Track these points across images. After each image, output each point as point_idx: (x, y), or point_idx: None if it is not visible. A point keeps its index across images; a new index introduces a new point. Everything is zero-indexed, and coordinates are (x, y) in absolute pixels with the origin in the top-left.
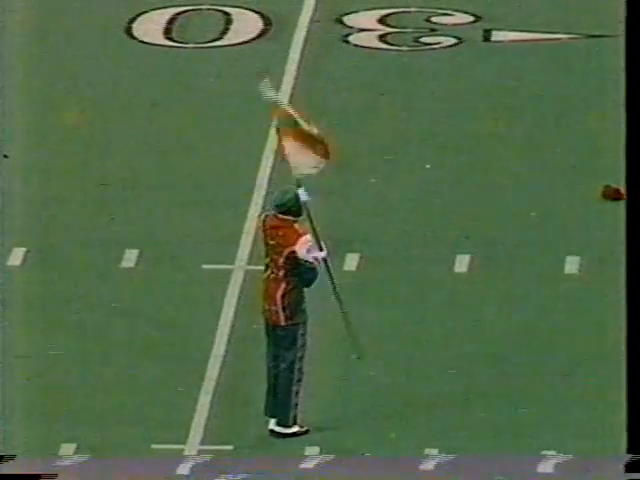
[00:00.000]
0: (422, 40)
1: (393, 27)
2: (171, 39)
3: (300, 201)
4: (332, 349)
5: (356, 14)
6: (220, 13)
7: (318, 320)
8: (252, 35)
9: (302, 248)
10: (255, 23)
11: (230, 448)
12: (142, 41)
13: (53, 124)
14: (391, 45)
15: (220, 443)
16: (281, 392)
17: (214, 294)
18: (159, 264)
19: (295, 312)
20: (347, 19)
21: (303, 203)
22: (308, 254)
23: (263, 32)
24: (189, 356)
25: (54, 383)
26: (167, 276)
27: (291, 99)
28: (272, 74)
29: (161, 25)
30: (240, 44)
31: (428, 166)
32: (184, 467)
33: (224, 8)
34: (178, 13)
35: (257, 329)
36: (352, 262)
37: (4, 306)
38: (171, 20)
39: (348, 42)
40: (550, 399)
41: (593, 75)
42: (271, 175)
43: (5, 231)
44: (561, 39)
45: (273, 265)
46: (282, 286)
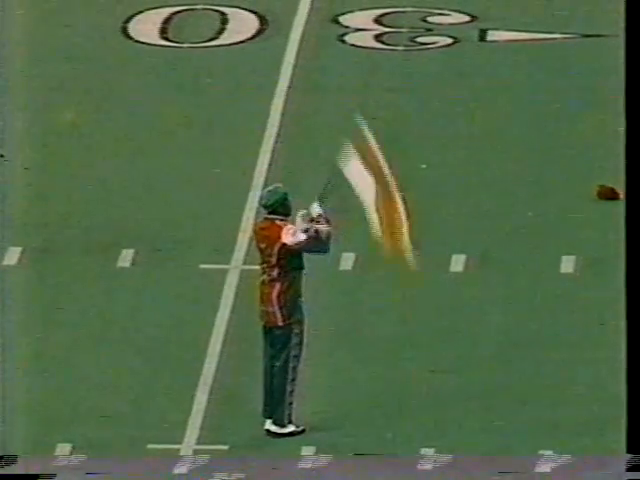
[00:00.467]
0: (418, 40)
1: (389, 27)
2: (167, 39)
3: (287, 201)
4: (329, 349)
5: (352, 14)
6: (216, 13)
7: (316, 320)
8: (248, 35)
9: (287, 237)
10: (251, 23)
11: (226, 448)
12: (138, 41)
13: (49, 124)
14: (387, 45)
15: (216, 443)
16: (276, 391)
17: (210, 294)
18: (155, 264)
19: (292, 311)
20: (343, 19)
21: (317, 214)
22: (295, 238)
23: (259, 32)
24: (185, 356)
25: (50, 383)
26: (163, 276)
27: (287, 99)
28: (269, 74)
29: (157, 25)
30: (236, 44)
31: (424, 166)
32: (180, 467)
33: (220, 8)
34: (174, 13)
35: (253, 329)
36: (348, 262)
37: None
38: (167, 20)
39: (344, 42)
40: (548, 399)
41: (588, 75)
42: (267, 175)
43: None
44: (556, 39)
45: (267, 267)
46: (277, 286)
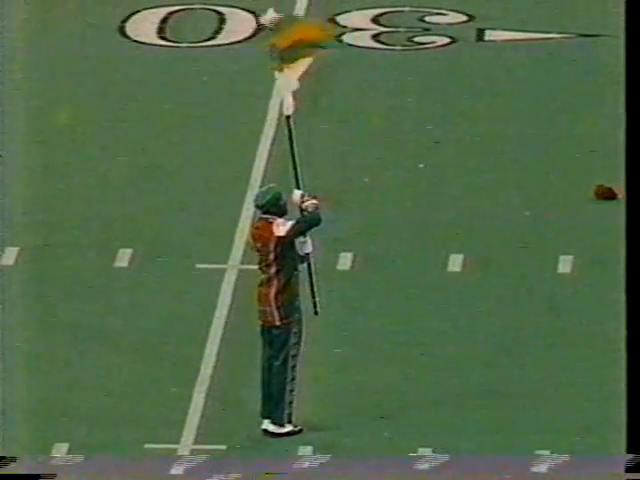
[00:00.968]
0: (415, 39)
1: (387, 27)
2: (164, 38)
3: (280, 201)
4: (327, 349)
5: (350, 14)
6: (213, 13)
7: (314, 320)
8: (245, 35)
9: (278, 229)
10: (248, 23)
11: (223, 448)
12: (135, 40)
13: (47, 123)
14: (385, 44)
15: (213, 443)
16: (275, 390)
17: (208, 293)
18: (152, 263)
19: (290, 311)
20: (341, 18)
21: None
22: (284, 226)
23: (256, 32)
24: (183, 355)
25: (47, 383)
26: (160, 276)
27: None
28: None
29: (154, 24)
30: (233, 44)
31: (421, 165)
32: (178, 467)
33: (217, 8)
34: (171, 12)
35: (251, 329)
36: (346, 261)
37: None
38: (164, 19)
39: (342, 41)
40: (547, 399)
41: (585, 74)
42: (265, 174)
43: None
44: (554, 38)
45: (264, 266)
46: (274, 286)
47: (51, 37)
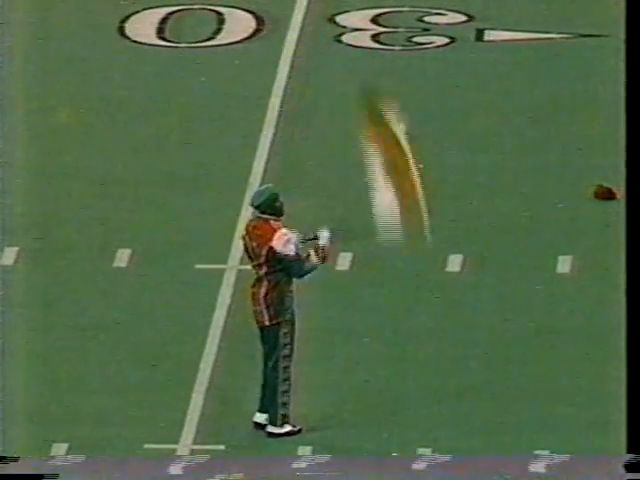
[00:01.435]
0: (415, 40)
1: (386, 27)
2: (164, 39)
3: (276, 202)
4: (326, 349)
5: (349, 14)
6: (213, 13)
7: (313, 320)
8: (245, 35)
9: (279, 243)
10: (248, 23)
11: (222, 448)
12: (135, 41)
13: (46, 123)
14: (384, 45)
15: (212, 443)
16: (269, 390)
17: (207, 294)
18: (151, 264)
19: (279, 311)
20: (340, 19)
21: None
22: (285, 248)
23: (256, 32)
24: (181, 355)
25: (47, 382)
26: (159, 276)
27: (284, 98)
28: (266, 74)
29: (154, 25)
30: (233, 44)
31: (420, 166)
32: (177, 467)
33: (216, 8)
34: (171, 13)
35: (249, 329)
36: (345, 261)
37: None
38: (164, 20)
39: (341, 42)
40: (546, 399)
41: (585, 74)
42: (264, 175)
43: None
44: (553, 39)
45: (256, 265)
46: (264, 284)
47: (51, 37)
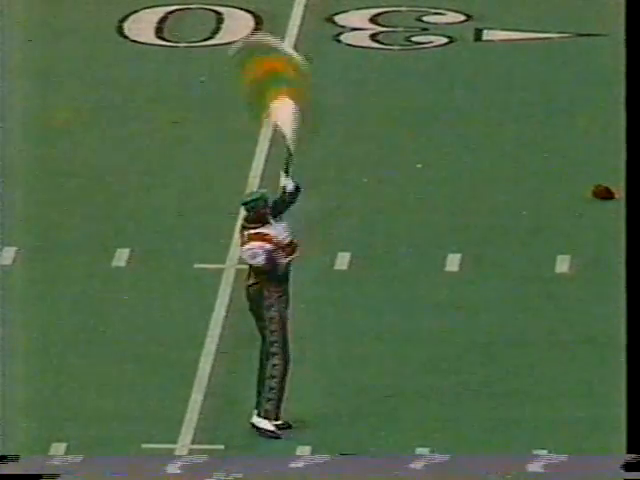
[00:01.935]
0: (413, 39)
1: (384, 26)
2: (163, 38)
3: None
4: (325, 348)
5: (347, 13)
6: (211, 12)
7: (312, 319)
8: (243, 34)
9: (246, 256)
10: (246, 22)
11: (221, 447)
12: (134, 40)
13: (46, 123)
14: (382, 44)
15: (211, 442)
16: (259, 384)
17: (205, 293)
18: (150, 263)
19: (260, 308)
20: (338, 18)
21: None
22: (253, 260)
23: (254, 31)
24: (180, 355)
25: (46, 382)
26: (158, 275)
27: None
28: None
29: (153, 24)
30: (231, 43)
31: (419, 165)
32: (175, 466)
33: (215, 7)
34: (170, 12)
35: (249, 328)
36: (343, 261)
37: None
38: (163, 19)
39: (340, 41)
40: (546, 399)
41: (584, 73)
42: (263, 174)
43: None
44: (552, 38)
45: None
46: (250, 281)
47: (50, 37)
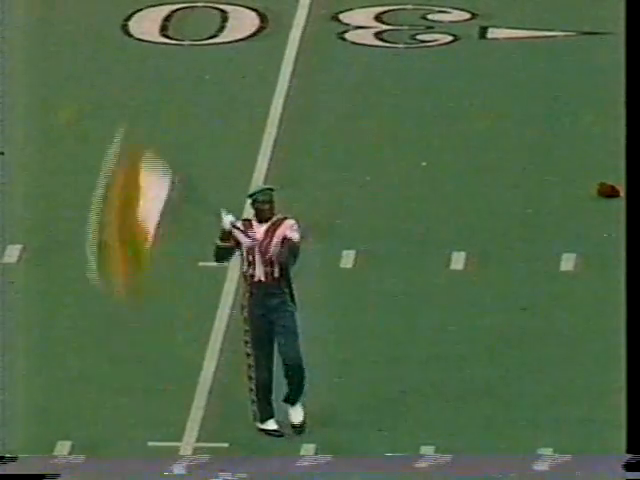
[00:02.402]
0: (418, 37)
1: (389, 24)
2: (167, 36)
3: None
4: (329, 347)
5: (352, 11)
6: (216, 10)
7: (315, 318)
8: (248, 32)
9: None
10: (251, 20)
11: (226, 446)
12: (138, 38)
13: (49, 122)
14: (387, 42)
15: (216, 441)
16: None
17: (210, 291)
18: (154, 261)
19: (243, 305)
20: (343, 16)
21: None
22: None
23: (259, 29)
24: (185, 353)
25: (49, 381)
26: (162, 273)
27: (287, 96)
28: (269, 71)
29: (157, 22)
30: (236, 41)
31: (424, 163)
32: (179, 466)
33: (220, 5)
34: (174, 10)
35: None
36: (348, 259)
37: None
38: (167, 17)
39: (344, 39)
40: (548, 398)
41: (588, 72)
42: (266, 174)
43: (0, 229)
44: (556, 36)
45: None
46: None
47: (53, 35)
